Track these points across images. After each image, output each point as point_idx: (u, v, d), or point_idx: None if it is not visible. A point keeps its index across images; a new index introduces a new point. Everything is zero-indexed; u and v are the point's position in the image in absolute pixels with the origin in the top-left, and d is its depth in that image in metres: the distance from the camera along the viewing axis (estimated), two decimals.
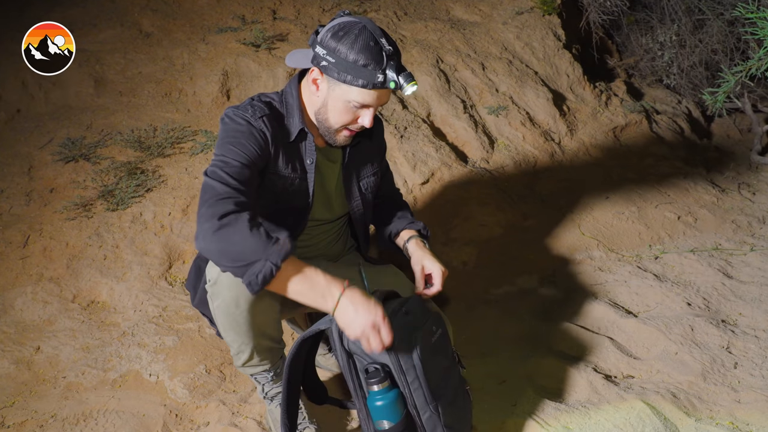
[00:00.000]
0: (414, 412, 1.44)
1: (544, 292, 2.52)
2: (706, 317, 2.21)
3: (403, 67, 1.52)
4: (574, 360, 2.05)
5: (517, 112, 3.70)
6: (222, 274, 1.48)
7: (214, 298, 1.54)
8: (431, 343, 1.48)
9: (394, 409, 1.43)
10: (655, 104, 4.36)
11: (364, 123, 1.58)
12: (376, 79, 1.49)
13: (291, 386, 1.55)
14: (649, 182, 3.40)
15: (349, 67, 1.49)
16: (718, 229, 3.00)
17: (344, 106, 1.56)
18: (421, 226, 1.85)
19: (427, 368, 1.43)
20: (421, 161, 3.16)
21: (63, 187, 2.86)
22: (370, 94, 1.52)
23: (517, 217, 3.03)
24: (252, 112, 1.58)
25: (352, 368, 1.45)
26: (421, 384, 1.42)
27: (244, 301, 1.50)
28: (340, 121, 1.59)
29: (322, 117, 1.61)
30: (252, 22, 3.97)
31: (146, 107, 3.38)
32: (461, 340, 2.22)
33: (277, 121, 1.61)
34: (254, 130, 1.55)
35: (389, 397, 1.42)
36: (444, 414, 1.46)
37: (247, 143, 1.52)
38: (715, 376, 1.92)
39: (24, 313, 2.37)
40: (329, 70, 1.53)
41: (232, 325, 1.54)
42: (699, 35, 4.33)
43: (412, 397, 1.42)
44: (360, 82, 1.50)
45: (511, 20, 4.36)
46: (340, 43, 1.50)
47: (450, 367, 1.56)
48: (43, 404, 2.02)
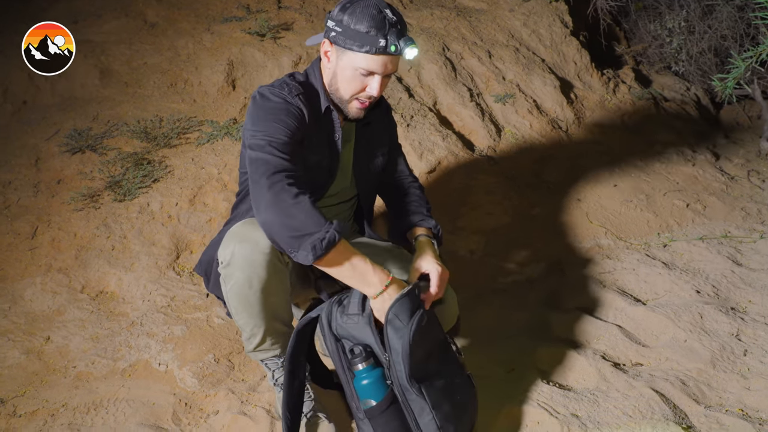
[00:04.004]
0: (399, 393, 1.50)
1: (551, 280, 2.51)
2: (716, 305, 2.19)
3: (405, 34, 1.58)
4: (582, 348, 2.04)
5: (524, 100, 3.68)
6: (234, 255, 1.52)
7: (227, 280, 1.56)
8: (420, 326, 1.51)
9: (380, 386, 1.50)
10: (664, 91, 4.32)
11: (372, 92, 1.63)
12: (378, 44, 1.55)
13: (293, 378, 1.59)
14: (658, 170, 3.37)
15: (354, 35, 1.56)
16: (728, 217, 2.98)
17: (352, 73, 1.61)
18: (432, 224, 1.86)
19: (413, 349, 1.48)
20: (427, 150, 3.15)
21: (70, 179, 2.87)
22: (374, 59, 1.57)
23: (524, 206, 3.01)
24: (288, 90, 1.63)
25: (341, 351, 1.54)
26: (403, 364, 1.47)
27: (258, 282, 1.53)
28: (350, 89, 1.64)
29: (333, 88, 1.67)
30: (257, 12, 3.95)
31: (152, 98, 3.38)
32: (469, 328, 2.21)
33: (309, 99, 1.67)
34: (292, 108, 1.61)
35: (374, 375, 1.50)
36: (430, 396, 1.50)
37: (288, 119, 1.58)
38: (725, 364, 1.91)
39: (33, 303, 2.39)
40: (337, 40, 1.60)
41: (245, 306, 1.58)
42: (708, 21, 4.28)
43: (396, 376, 1.49)
44: (364, 48, 1.55)
45: (517, 7, 4.32)
46: (347, 14, 1.57)
47: (437, 351, 1.58)
48: (54, 393, 2.03)
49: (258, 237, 1.53)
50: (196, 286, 2.43)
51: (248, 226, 1.57)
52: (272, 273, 1.55)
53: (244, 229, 1.56)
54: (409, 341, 1.47)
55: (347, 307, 1.55)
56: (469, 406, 1.62)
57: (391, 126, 1.99)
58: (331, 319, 1.55)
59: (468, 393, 1.62)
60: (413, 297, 1.52)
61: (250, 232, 1.54)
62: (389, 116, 1.98)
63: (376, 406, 1.50)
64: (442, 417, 1.51)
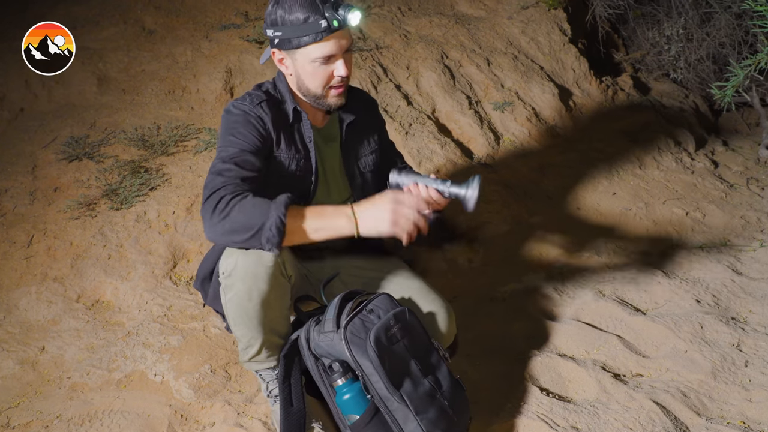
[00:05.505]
0: (381, 404, 1.51)
1: (550, 289, 2.49)
2: (716, 314, 2.18)
3: (339, 2, 1.54)
4: (581, 358, 2.03)
5: (523, 107, 3.67)
6: (236, 266, 1.51)
7: (227, 290, 1.56)
8: (387, 337, 1.54)
9: (360, 400, 1.52)
10: (662, 98, 4.32)
11: (340, 73, 1.61)
12: (320, 27, 1.52)
13: (289, 404, 1.61)
14: (657, 178, 3.36)
15: (294, 29, 1.52)
16: (727, 225, 2.97)
17: (312, 68, 1.59)
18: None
19: (384, 360, 1.50)
20: (426, 158, 3.14)
21: (67, 186, 2.85)
22: (325, 44, 1.54)
23: (523, 214, 3.00)
24: (250, 100, 1.63)
25: (321, 369, 1.57)
26: (379, 375, 1.49)
27: (257, 294, 1.52)
28: (319, 83, 1.62)
29: (304, 90, 1.65)
30: (255, 19, 3.95)
31: (150, 105, 3.36)
32: (467, 338, 2.20)
33: (275, 105, 1.66)
34: (251, 118, 1.60)
35: (354, 388, 1.52)
36: (413, 402, 1.51)
37: (245, 131, 1.58)
38: (726, 375, 1.89)
39: (28, 312, 2.37)
40: (283, 44, 1.57)
41: (243, 318, 1.57)
42: (706, 28, 4.28)
43: (374, 388, 1.51)
44: (309, 37, 1.53)
45: (516, 15, 4.32)
46: (278, 11, 1.54)
47: (420, 356, 1.59)
48: (48, 405, 2.01)
49: None
50: (193, 295, 2.41)
51: None
52: (273, 286, 1.54)
53: None
54: (375, 352, 1.49)
55: (323, 325, 1.57)
56: (459, 411, 1.61)
57: (378, 122, 1.96)
58: (310, 338, 1.59)
59: (457, 397, 1.61)
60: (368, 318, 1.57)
61: None
62: (375, 112, 1.95)
63: (359, 420, 1.51)
64: (428, 423, 1.51)
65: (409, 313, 1.64)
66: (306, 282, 1.86)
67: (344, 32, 1.57)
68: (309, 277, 1.88)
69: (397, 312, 1.61)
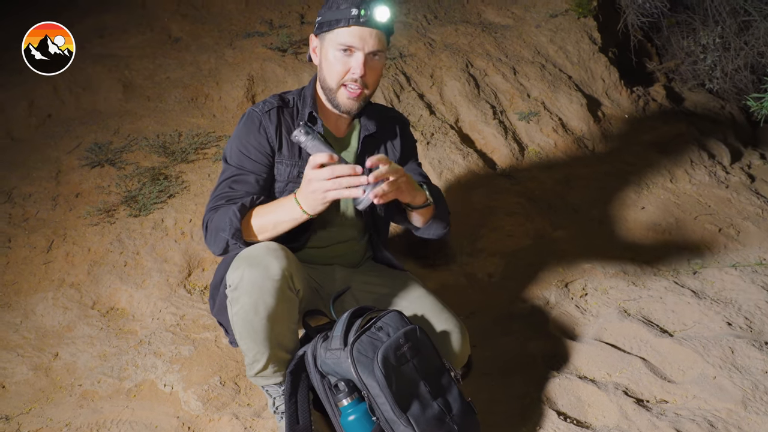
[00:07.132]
0: (387, 427, 1.46)
1: (572, 306, 2.40)
2: (748, 338, 2.06)
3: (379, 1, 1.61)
4: (603, 381, 1.94)
5: (549, 118, 3.58)
6: (243, 279, 1.50)
7: (233, 303, 1.54)
8: (396, 356, 1.50)
9: (366, 423, 1.48)
10: (697, 109, 4.18)
11: (356, 70, 1.62)
12: (350, 14, 1.58)
13: (294, 422, 1.57)
14: (688, 192, 3.24)
15: (331, 14, 1.61)
16: (763, 243, 2.83)
17: (333, 56, 1.63)
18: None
19: (391, 381, 1.46)
20: (447, 168, 3.08)
21: (88, 192, 2.87)
22: (350, 31, 1.59)
23: (546, 228, 2.91)
24: (263, 105, 1.73)
25: (326, 387, 1.53)
26: (385, 397, 1.45)
27: (264, 308, 1.50)
28: (335, 74, 1.65)
29: (322, 80, 1.70)
30: (279, 27, 3.95)
31: (172, 112, 3.39)
32: (483, 356, 2.13)
33: (287, 112, 1.74)
34: (256, 125, 1.70)
35: (359, 409, 1.48)
36: (420, 425, 1.46)
37: (246, 141, 1.71)
38: (757, 404, 1.78)
39: (44, 318, 2.38)
40: (320, 27, 1.65)
41: (250, 332, 1.54)
42: (744, 37, 4.13)
43: (380, 410, 1.46)
44: (340, 24, 1.60)
45: (544, 23, 4.24)
46: (327, 2, 1.66)
47: (430, 377, 1.55)
48: (59, 412, 2.01)
49: (269, 262, 1.49)
50: (206, 305, 2.39)
51: (260, 250, 1.53)
52: (280, 300, 1.51)
53: (255, 252, 1.53)
54: (382, 372, 1.45)
55: (330, 342, 1.53)
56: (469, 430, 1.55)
57: (406, 140, 1.91)
58: (316, 355, 1.55)
59: (467, 421, 1.55)
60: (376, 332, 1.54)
61: (261, 257, 1.51)
62: (404, 131, 1.91)
63: None
64: None
65: (420, 332, 1.59)
66: (316, 296, 1.82)
67: (373, 32, 1.61)
68: (319, 291, 1.84)
69: (408, 330, 1.57)
